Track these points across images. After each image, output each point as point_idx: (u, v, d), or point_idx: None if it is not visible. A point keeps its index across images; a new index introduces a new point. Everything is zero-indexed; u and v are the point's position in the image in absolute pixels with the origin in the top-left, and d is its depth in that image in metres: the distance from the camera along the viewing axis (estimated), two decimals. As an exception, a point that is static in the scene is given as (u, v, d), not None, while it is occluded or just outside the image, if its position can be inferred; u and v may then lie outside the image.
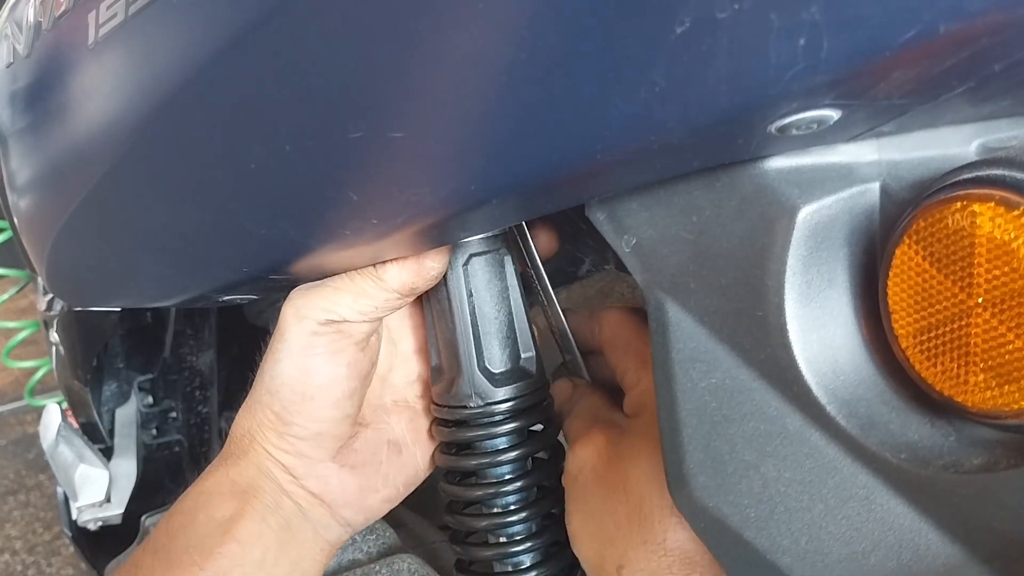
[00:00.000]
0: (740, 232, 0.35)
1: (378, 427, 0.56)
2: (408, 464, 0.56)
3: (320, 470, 0.52)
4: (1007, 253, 0.29)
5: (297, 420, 0.51)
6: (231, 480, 0.51)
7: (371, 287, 0.48)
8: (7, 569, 2.01)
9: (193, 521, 0.50)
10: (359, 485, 0.54)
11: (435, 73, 0.32)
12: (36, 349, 1.49)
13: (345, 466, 0.53)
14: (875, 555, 0.34)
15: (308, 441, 0.51)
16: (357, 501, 0.54)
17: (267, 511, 0.51)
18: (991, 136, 0.35)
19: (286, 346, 0.50)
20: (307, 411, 0.51)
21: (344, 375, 0.51)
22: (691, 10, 0.26)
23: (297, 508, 0.52)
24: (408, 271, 0.47)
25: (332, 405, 0.51)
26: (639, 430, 0.48)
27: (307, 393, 0.50)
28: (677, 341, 0.38)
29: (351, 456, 0.54)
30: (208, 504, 0.51)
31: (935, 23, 0.23)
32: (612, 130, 0.30)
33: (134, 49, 0.43)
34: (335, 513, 0.53)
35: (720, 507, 0.38)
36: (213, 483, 0.52)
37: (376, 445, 0.55)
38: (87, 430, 1.10)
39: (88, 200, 0.51)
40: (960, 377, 0.31)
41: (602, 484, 0.48)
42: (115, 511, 1.05)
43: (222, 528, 0.50)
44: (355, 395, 0.52)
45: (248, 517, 0.50)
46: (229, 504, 0.50)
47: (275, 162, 0.40)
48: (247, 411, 0.53)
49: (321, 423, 0.51)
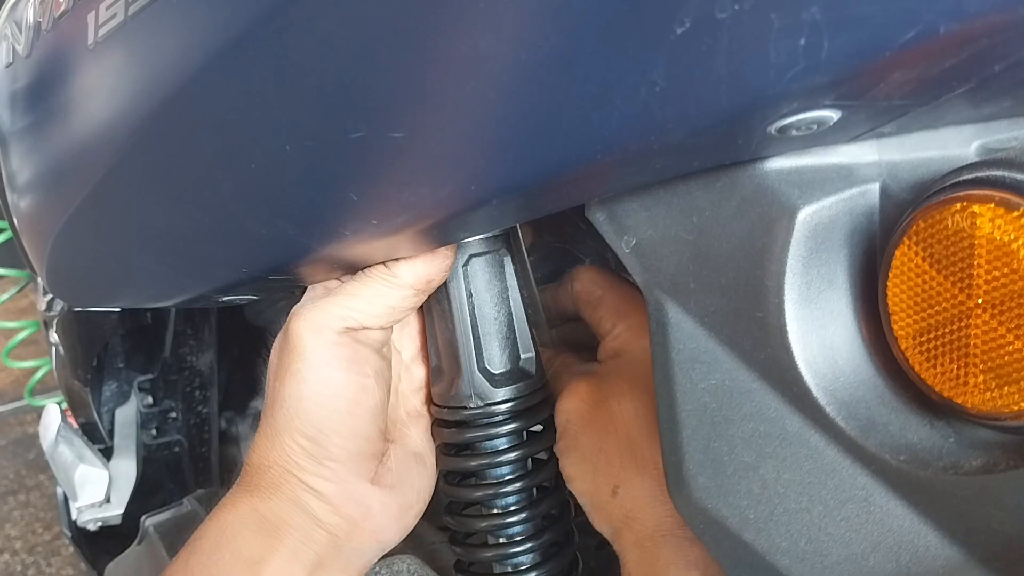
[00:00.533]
0: (740, 232, 0.35)
1: (403, 442, 0.53)
2: (430, 474, 0.54)
3: (360, 494, 0.49)
4: (1007, 254, 0.29)
5: (334, 440, 0.47)
6: (259, 515, 0.48)
7: (385, 286, 0.46)
8: (7, 569, 2.01)
9: (218, 562, 0.47)
10: (399, 505, 0.51)
11: (436, 73, 0.32)
12: (36, 349, 1.49)
13: (384, 487, 0.50)
14: (874, 556, 0.33)
15: (346, 464, 0.48)
16: (398, 521, 0.51)
17: (299, 547, 0.48)
18: (991, 137, 0.35)
19: (307, 364, 0.47)
20: (343, 429, 0.47)
21: (373, 385, 0.48)
22: (691, 10, 0.26)
23: (331, 540, 0.49)
24: (421, 264, 0.46)
25: (367, 418, 0.48)
26: (618, 371, 0.50)
27: (341, 408, 0.47)
28: (677, 342, 0.38)
29: (388, 476, 0.51)
30: (233, 541, 0.47)
31: (935, 24, 0.23)
32: (612, 130, 0.30)
33: (134, 49, 0.43)
34: (373, 537, 0.50)
35: (719, 508, 0.38)
36: (237, 518, 0.48)
37: (406, 460, 0.53)
38: (87, 430, 1.10)
39: (88, 200, 0.51)
40: (960, 378, 0.31)
41: (590, 426, 0.49)
42: (115, 511, 1.05)
43: (251, 570, 0.46)
44: (385, 406, 0.50)
45: (279, 556, 0.47)
46: (257, 541, 0.47)
47: (276, 162, 0.40)
48: (268, 441, 0.49)
49: (358, 440, 0.48)
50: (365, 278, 0.47)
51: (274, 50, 0.36)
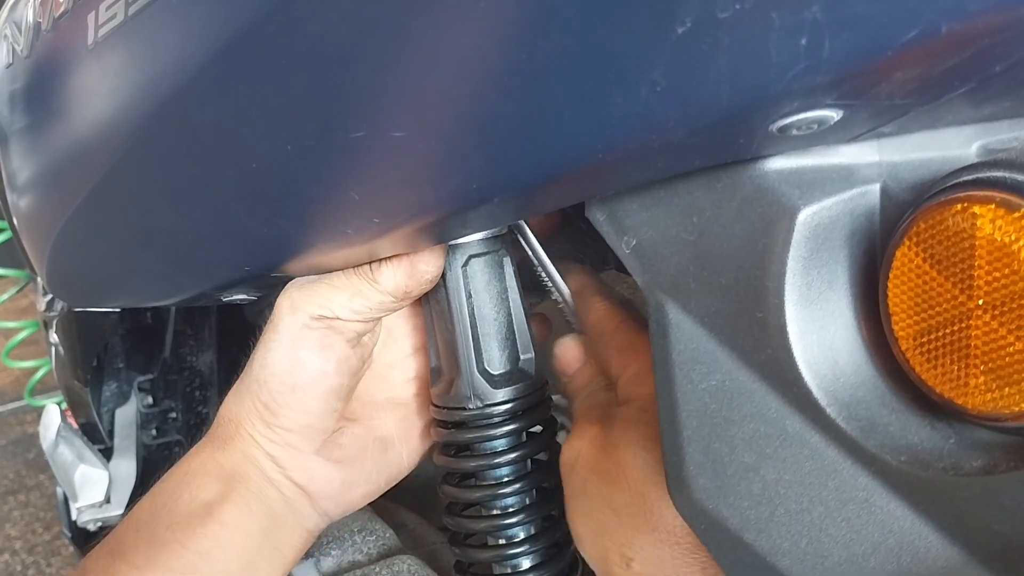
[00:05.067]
0: (740, 233, 0.35)
1: (368, 423, 0.56)
2: (393, 462, 0.57)
3: (306, 462, 0.53)
4: (1007, 255, 0.29)
5: (284, 411, 0.51)
6: (217, 463, 0.52)
7: (366, 288, 0.48)
8: (7, 569, 2.01)
9: (177, 500, 0.50)
10: (342, 480, 0.54)
11: (437, 72, 0.32)
12: (36, 349, 1.49)
13: (330, 460, 0.54)
14: (875, 557, 0.33)
15: (295, 433, 0.52)
16: (339, 495, 0.54)
17: (252, 498, 0.51)
18: (992, 138, 0.34)
19: (278, 337, 0.51)
20: (295, 403, 0.51)
21: (332, 370, 0.51)
22: (692, 10, 0.26)
23: (281, 497, 0.53)
24: (402, 274, 0.47)
25: (318, 398, 0.51)
26: (628, 418, 0.48)
27: (296, 385, 0.51)
28: (677, 342, 0.38)
29: (336, 451, 0.54)
30: (193, 484, 0.51)
31: (936, 23, 0.23)
32: (613, 129, 0.30)
33: (134, 50, 0.43)
34: (316, 504, 0.54)
35: (720, 509, 0.37)
36: (199, 464, 0.52)
37: (363, 441, 0.55)
38: (87, 430, 1.10)
39: (88, 200, 0.51)
40: (960, 379, 0.31)
41: (596, 473, 0.48)
42: (115, 512, 1.05)
43: (206, 509, 0.50)
44: (342, 391, 0.53)
45: (233, 502, 0.50)
46: (214, 487, 0.51)
47: (276, 161, 0.40)
48: (236, 396, 0.53)
49: (308, 415, 0.52)
50: (350, 274, 0.49)
51: (274, 50, 0.36)
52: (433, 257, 0.48)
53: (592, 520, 0.48)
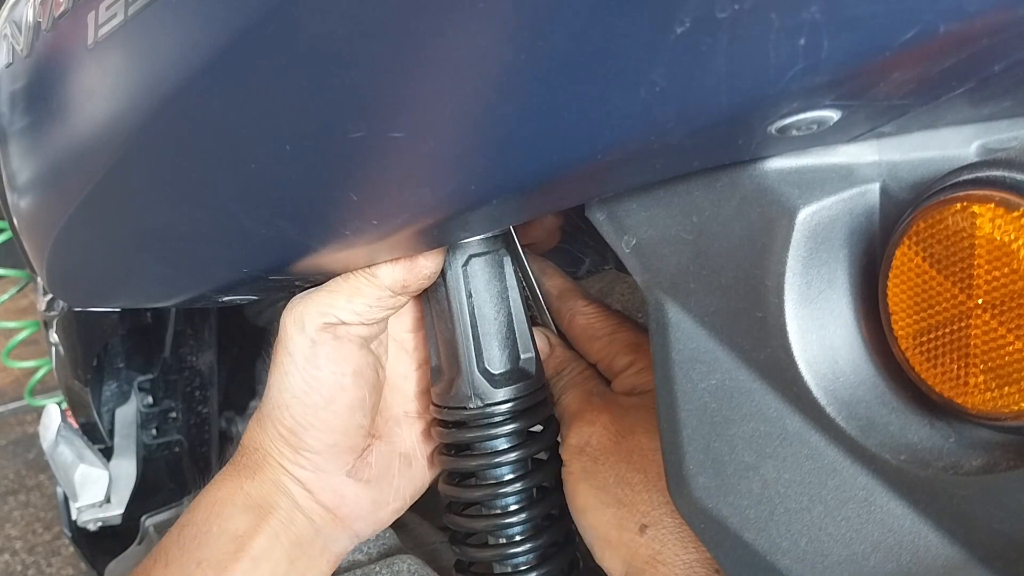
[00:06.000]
0: (740, 232, 0.35)
1: (391, 440, 0.56)
2: (417, 476, 0.57)
3: (335, 484, 0.53)
4: (1007, 255, 0.29)
5: (310, 432, 0.51)
6: (246, 493, 0.52)
7: (364, 285, 0.48)
8: (7, 569, 2.01)
9: (207, 533, 0.50)
10: (372, 499, 0.54)
11: (436, 73, 0.32)
12: (36, 349, 1.49)
13: (360, 480, 0.53)
14: (875, 556, 0.33)
15: (323, 455, 0.52)
16: (370, 515, 0.54)
17: (281, 528, 0.51)
18: (991, 137, 0.34)
19: (291, 359, 0.50)
20: (318, 422, 0.51)
21: (350, 383, 0.51)
22: (691, 10, 0.26)
23: (309, 524, 0.52)
24: (400, 269, 0.47)
25: (341, 414, 0.51)
26: (644, 406, 0.49)
27: (317, 404, 0.50)
28: (677, 342, 0.38)
29: (365, 471, 0.54)
30: (222, 516, 0.51)
31: (935, 23, 0.23)
32: (612, 130, 0.30)
33: (134, 49, 0.43)
34: (347, 527, 0.54)
35: (720, 508, 0.38)
36: (226, 494, 0.52)
37: (389, 459, 0.55)
38: (87, 430, 1.10)
39: (88, 200, 0.51)
40: (960, 378, 0.31)
41: (613, 456, 0.48)
42: (115, 511, 1.05)
43: (237, 544, 0.50)
44: (364, 404, 0.52)
45: (262, 533, 0.50)
46: (243, 518, 0.51)
47: (276, 162, 0.40)
48: (259, 424, 0.53)
49: (334, 434, 0.51)
50: (347, 275, 0.49)
51: (274, 50, 0.36)
52: (432, 252, 0.48)
53: (605, 493, 0.48)
